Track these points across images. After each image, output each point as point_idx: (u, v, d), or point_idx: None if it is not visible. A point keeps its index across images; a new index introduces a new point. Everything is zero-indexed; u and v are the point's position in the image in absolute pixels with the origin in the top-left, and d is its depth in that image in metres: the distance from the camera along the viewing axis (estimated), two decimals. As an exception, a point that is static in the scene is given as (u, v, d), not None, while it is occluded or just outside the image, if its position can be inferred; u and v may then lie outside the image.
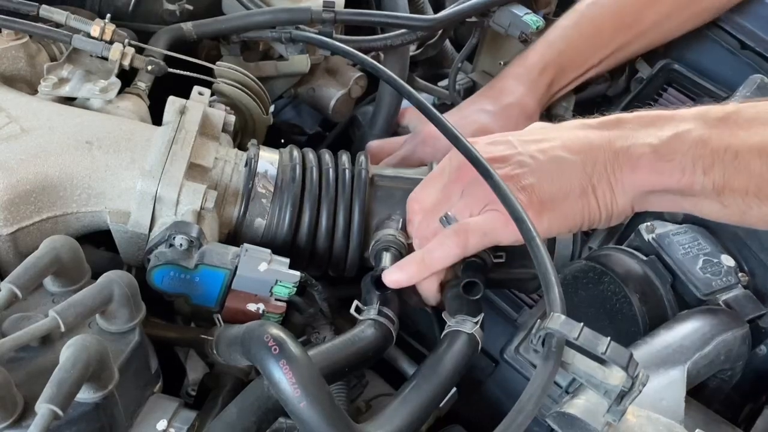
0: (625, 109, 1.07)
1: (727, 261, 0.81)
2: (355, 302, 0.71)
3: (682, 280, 0.78)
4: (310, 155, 0.80)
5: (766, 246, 0.80)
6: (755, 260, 0.81)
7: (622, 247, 0.83)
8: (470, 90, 1.18)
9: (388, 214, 0.79)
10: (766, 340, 0.78)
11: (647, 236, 0.81)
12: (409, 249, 0.76)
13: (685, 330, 0.68)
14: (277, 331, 0.58)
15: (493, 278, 0.76)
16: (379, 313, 0.70)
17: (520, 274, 0.80)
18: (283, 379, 0.55)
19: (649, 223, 0.83)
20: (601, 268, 0.80)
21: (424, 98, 0.86)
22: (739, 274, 0.80)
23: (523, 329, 0.80)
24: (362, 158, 0.81)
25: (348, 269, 0.80)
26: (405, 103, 1.06)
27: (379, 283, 0.72)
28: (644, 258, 0.80)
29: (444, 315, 0.71)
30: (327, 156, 0.81)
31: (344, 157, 0.81)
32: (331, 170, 0.79)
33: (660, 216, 0.86)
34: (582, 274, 0.81)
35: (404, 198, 0.79)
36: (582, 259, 0.83)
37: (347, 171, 0.79)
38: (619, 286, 0.78)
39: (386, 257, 0.73)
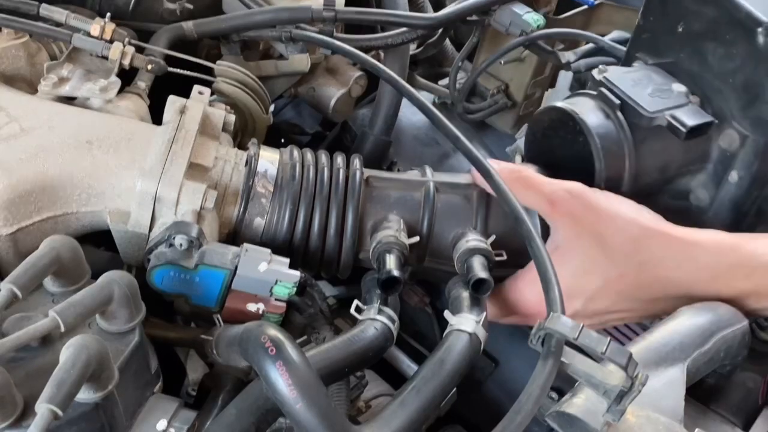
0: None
1: (678, 87, 0.82)
2: (356, 302, 0.71)
3: (630, 105, 0.80)
4: (309, 155, 0.80)
5: (717, 72, 0.81)
6: (710, 87, 0.82)
7: (576, 92, 0.86)
8: (470, 89, 1.19)
9: (385, 215, 0.78)
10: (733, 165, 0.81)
11: (598, 76, 0.83)
12: (411, 250, 0.76)
13: (684, 327, 0.68)
14: (274, 332, 0.58)
15: None
16: (380, 312, 0.70)
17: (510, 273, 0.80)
18: (279, 380, 0.55)
19: (601, 66, 0.85)
20: (556, 113, 0.82)
21: (424, 97, 0.86)
22: (690, 97, 0.81)
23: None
24: (357, 160, 0.81)
25: (341, 270, 0.80)
26: (405, 101, 1.06)
27: (385, 286, 0.72)
28: (593, 93, 0.83)
29: (446, 314, 0.71)
30: (324, 157, 0.81)
31: (339, 159, 0.81)
32: (326, 170, 0.79)
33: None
34: (555, 126, 0.83)
35: (400, 200, 0.79)
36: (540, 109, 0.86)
37: (341, 171, 0.79)
38: (574, 121, 0.80)
39: (390, 259, 0.73)
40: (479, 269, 0.72)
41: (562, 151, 0.83)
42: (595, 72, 0.84)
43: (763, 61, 0.76)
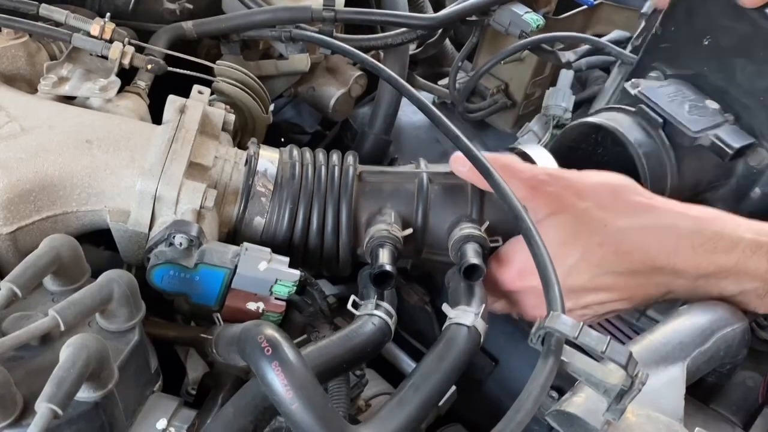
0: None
1: (712, 104, 0.83)
2: (353, 297, 0.71)
3: (672, 123, 0.80)
4: (307, 154, 0.80)
5: (747, 89, 0.81)
6: (739, 104, 0.82)
7: (610, 106, 0.85)
8: (470, 89, 1.19)
9: (378, 209, 0.78)
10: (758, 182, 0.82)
11: (633, 91, 0.83)
12: (407, 242, 0.76)
13: (684, 326, 0.68)
14: (271, 332, 0.57)
15: None
16: (377, 307, 0.70)
17: None
18: (275, 380, 0.55)
19: (633, 80, 0.85)
20: (592, 129, 0.81)
21: (424, 97, 0.86)
22: (725, 115, 0.82)
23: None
24: (350, 157, 0.81)
25: (341, 267, 0.79)
26: (405, 100, 1.06)
27: (378, 281, 0.71)
28: (632, 109, 0.82)
29: (444, 307, 0.70)
30: (321, 155, 0.81)
31: (335, 157, 0.81)
32: (323, 168, 0.79)
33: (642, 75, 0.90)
34: (580, 139, 0.83)
35: (393, 192, 0.79)
36: (573, 124, 0.86)
37: (336, 168, 0.79)
38: (615, 139, 0.79)
39: (383, 253, 0.73)
40: (472, 255, 0.72)
41: (582, 163, 0.82)
42: (628, 86, 0.83)
43: None
